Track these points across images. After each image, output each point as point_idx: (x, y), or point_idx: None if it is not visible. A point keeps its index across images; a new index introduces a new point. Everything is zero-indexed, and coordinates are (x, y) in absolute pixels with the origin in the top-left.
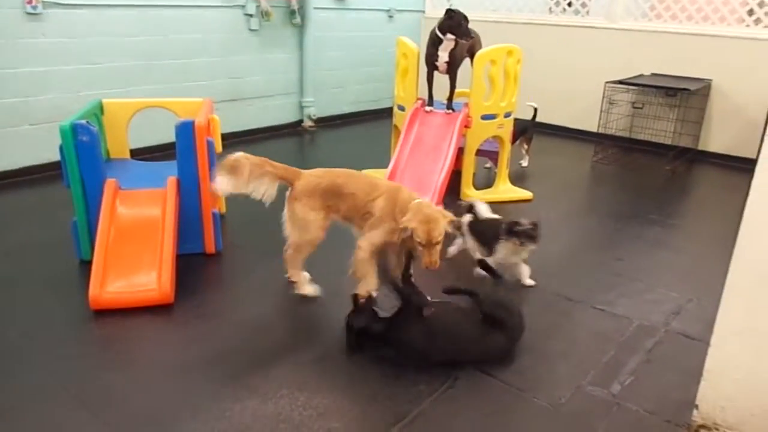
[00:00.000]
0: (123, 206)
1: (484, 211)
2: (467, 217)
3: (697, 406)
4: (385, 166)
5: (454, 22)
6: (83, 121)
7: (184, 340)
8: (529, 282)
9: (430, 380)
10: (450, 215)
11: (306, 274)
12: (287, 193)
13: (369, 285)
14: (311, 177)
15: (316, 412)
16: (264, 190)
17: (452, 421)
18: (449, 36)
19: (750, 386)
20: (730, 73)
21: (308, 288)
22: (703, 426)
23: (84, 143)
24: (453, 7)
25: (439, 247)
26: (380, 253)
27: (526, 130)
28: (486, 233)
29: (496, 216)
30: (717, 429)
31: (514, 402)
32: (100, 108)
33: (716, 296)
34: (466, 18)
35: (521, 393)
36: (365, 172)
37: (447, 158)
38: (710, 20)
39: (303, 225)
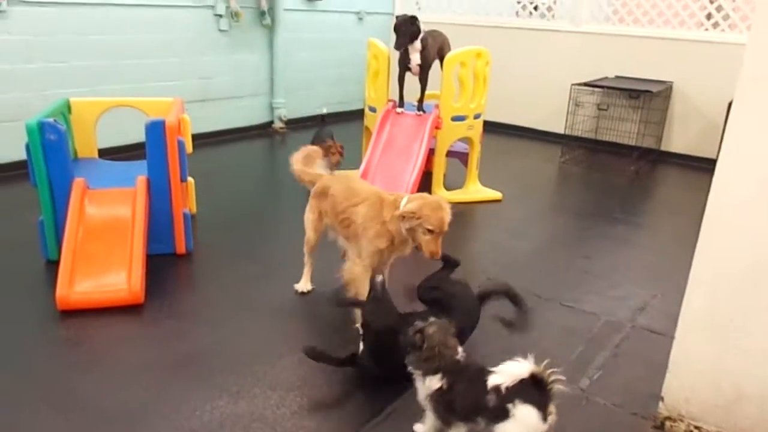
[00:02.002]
0: (92, 206)
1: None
2: None
3: (662, 399)
4: (357, 167)
5: (401, 31)
6: (51, 120)
7: (154, 340)
8: None
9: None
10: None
11: (307, 272)
12: None
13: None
14: (322, 178)
15: (290, 410)
16: None
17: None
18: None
19: (713, 377)
20: (691, 75)
21: (301, 283)
22: (668, 418)
23: (51, 142)
24: (398, 16)
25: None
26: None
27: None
28: None
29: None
30: (682, 420)
31: None
32: (68, 107)
33: (680, 292)
34: (409, 21)
35: None
36: (337, 173)
37: (418, 159)
38: (671, 24)
39: (304, 223)
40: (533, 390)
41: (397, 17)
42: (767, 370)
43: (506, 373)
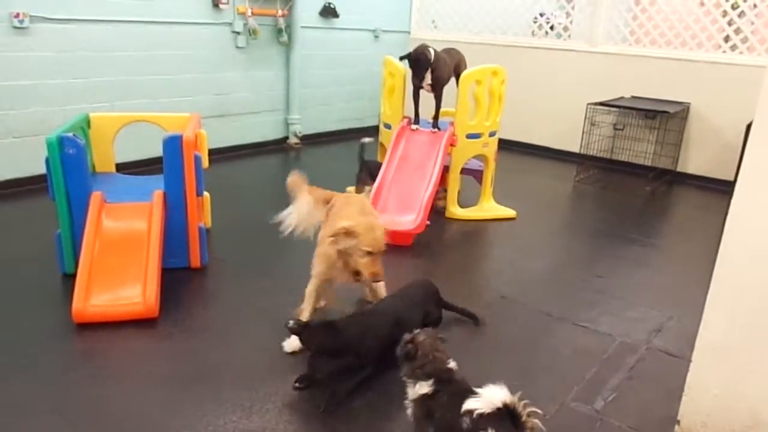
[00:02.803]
0: (108, 219)
1: None
2: None
3: (678, 422)
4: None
5: (417, 65)
6: (70, 134)
7: (169, 354)
8: None
9: None
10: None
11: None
12: None
13: (304, 314)
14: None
15: (302, 426)
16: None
17: None
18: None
19: (730, 401)
20: (708, 96)
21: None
22: None
23: (70, 156)
24: (410, 51)
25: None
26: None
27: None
28: None
29: None
30: None
31: None
32: (87, 122)
33: (696, 314)
34: (423, 56)
35: None
36: (351, 189)
37: (433, 176)
38: (688, 46)
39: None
40: (506, 422)
41: (411, 56)
42: None
43: (484, 398)
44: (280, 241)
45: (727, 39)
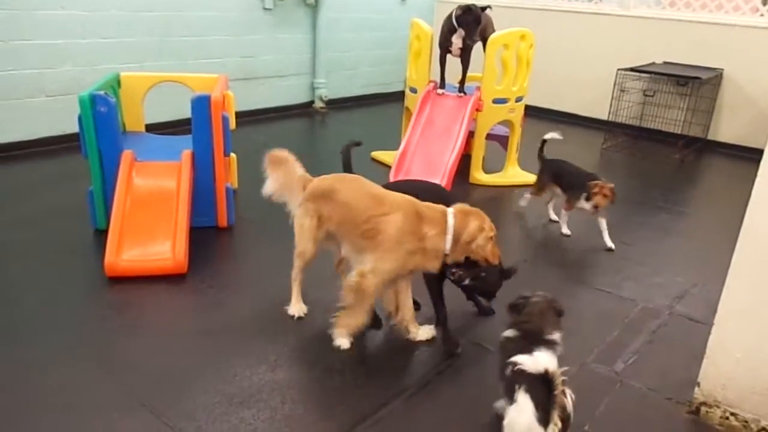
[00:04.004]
0: (139, 177)
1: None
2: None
3: (698, 384)
4: (395, 149)
5: (467, 19)
6: (101, 92)
7: (197, 308)
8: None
9: (435, 356)
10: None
11: (297, 290)
12: None
13: (357, 320)
14: (317, 180)
15: (326, 383)
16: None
17: (459, 392)
18: (461, 30)
19: (751, 365)
20: (743, 62)
21: (295, 307)
22: (704, 404)
23: (102, 114)
24: (472, 3)
25: None
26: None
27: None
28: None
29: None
30: (718, 406)
31: None
32: (117, 81)
33: (720, 281)
34: (478, 20)
35: None
36: (375, 154)
37: (458, 141)
38: (724, 9)
39: (297, 232)
40: (540, 386)
41: (469, 8)
42: None
43: (533, 358)
44: None
45: (765, 2)
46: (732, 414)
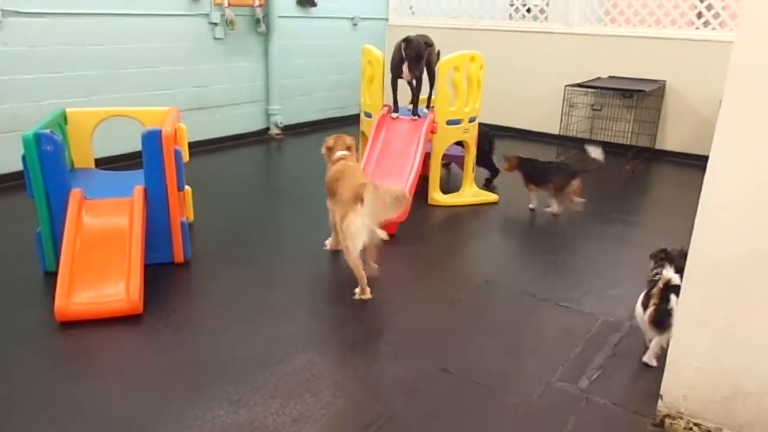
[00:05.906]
0: (89, 216)
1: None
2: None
3: (661, 397)
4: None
5: (410, 54)
6: (47, 131)
7: (154, 350)
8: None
9: (398, 383)
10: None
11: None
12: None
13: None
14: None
15: (290, 418)
16: None
17: (424, 423)
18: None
19: (709, 374)
20: (683, 73)
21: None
22: (667, 416)
23: (48, 153)
24: (412, 37)
25: None
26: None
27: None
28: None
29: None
30: (681, 417)
31: (486, 400)
32: (64, 117)
33: None
34: (419, 56)
35: (493, 392)
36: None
37: (414, 163)
38: (662, 23)
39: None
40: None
41: (409, 43)
42: (763, 367)
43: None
44: (263, 233)
45: (699, 15)
46: (695, 424)
